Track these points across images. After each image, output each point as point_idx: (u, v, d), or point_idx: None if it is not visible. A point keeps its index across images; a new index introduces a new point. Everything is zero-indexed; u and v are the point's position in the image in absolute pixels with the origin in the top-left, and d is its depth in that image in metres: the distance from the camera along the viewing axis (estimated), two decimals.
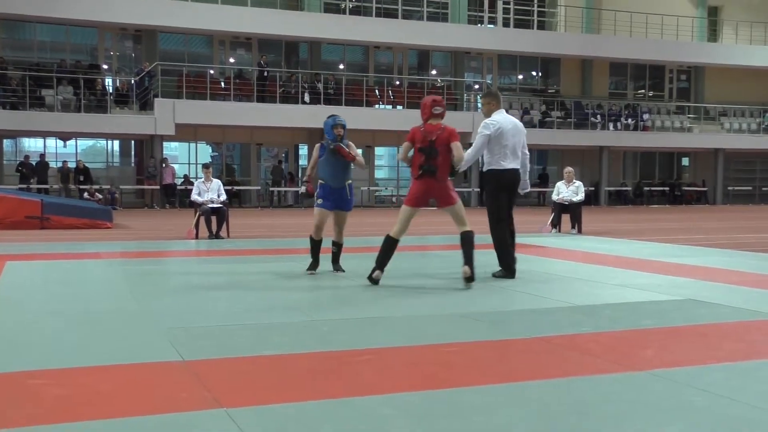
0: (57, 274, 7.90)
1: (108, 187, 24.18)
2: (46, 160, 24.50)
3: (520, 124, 7.87)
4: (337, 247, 8.02)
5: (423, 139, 6.92)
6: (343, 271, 7.90)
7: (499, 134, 7.56)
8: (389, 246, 7.03)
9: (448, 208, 7.04)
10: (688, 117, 33.14)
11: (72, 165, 24.16)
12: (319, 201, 7.86)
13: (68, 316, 5.50)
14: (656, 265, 8.74)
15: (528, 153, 7.92)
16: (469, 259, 6.85)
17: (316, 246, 7.94)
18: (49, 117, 23.35)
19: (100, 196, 23.48)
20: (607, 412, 3.27)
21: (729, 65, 33.24)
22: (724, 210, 26.78)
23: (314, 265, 7.94)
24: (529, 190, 8.18)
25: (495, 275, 7.56)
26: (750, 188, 33.65)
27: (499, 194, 7.64)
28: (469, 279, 6.82)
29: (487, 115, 7.77)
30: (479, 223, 7.98)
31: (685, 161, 35.24)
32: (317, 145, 7.99)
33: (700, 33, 34.26)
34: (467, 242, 6.92)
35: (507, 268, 7.58)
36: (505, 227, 7.62)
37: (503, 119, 7.69)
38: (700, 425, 3.09)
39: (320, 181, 7.90)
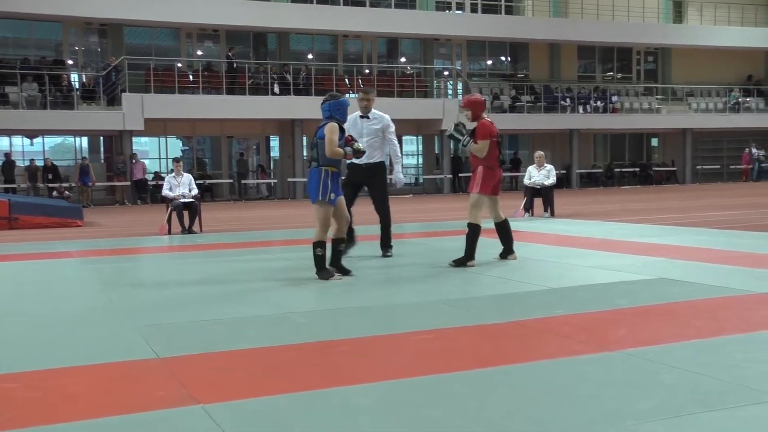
0: (27, 274, 7.81)
1: (74, 184, 23.87)
2: (13, 158, 24.14)
3: None
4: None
5: (496, 133, 7.53)
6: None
7: None
8: (477, 233, 7.45)
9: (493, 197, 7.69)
10: (656, 98, 33.42)
11: (40, 163, 23.84)
12: (332, 196, 6.75)
13: (39, 317, 5.44)
14: (628, 246, 8.83)
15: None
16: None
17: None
18: (14, 115, 22.99)
19: (70, 194, 23.21)
20: (583, 393, 3.31)
21: (695, 46, 33.55)
22: (694, 189, 27.11)
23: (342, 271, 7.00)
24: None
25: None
26: (718, 167, 34.05)
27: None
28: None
29: (368, 110, 8.21)
30: (458, 209, 8.01)
31: (655, 142, 35.57)
32: (334, 126, 6.75)
33: (666, 15, 34.52)
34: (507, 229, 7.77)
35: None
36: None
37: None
38: (670, 401, 3.14)
39: (330, 169, 6.75)
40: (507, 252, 7.83)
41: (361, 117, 8.25)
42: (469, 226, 7.48)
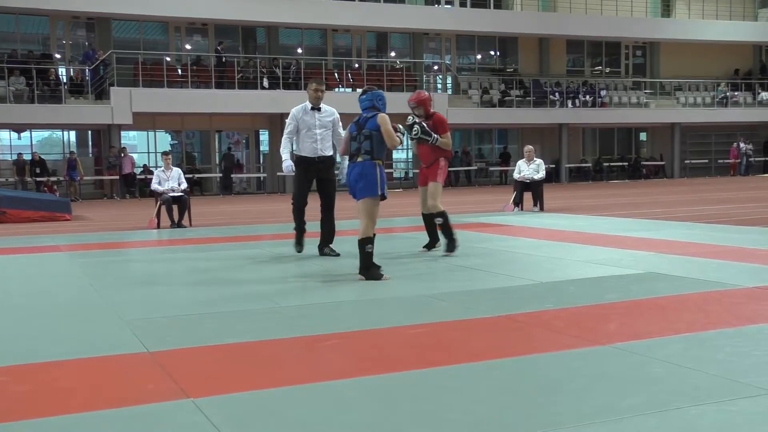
0: (15, 268, 7.77)
1: (62, 179, 23.76)
2: (0, 153, 23.97)
3: None
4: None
5: None
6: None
7: None
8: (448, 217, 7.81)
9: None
10: (645, 92, 33.52)
11: (27, 157, 23.70)
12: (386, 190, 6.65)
13: (28, 310, 5.41)
14: (617, 240, 8.86)
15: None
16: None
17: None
18: (1, 109, 22.82)
19: (56, 188, 23.09)
20: (572, 388, 3.32)
21: (683, 40, 33.66)
22: (682, 183, 27.22)
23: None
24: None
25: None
26: (706, 161, 34.20)
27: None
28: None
29: (320, 101, 8.06)
30: (447, 204, 8.01)
31: (643, 136, 35.69)
32: (387, 116, 6.59)
33: (654, 9, 34.63)
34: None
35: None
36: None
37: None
38: (660, 395, 3.16)
39: (381, 162, 6.54)
40: (434, 243, 8.12)
41: (313, 109, 8.00)
42: (441, 214, 7.78)
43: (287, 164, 8.03)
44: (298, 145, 8.02)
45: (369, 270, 6.33)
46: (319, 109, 8.01)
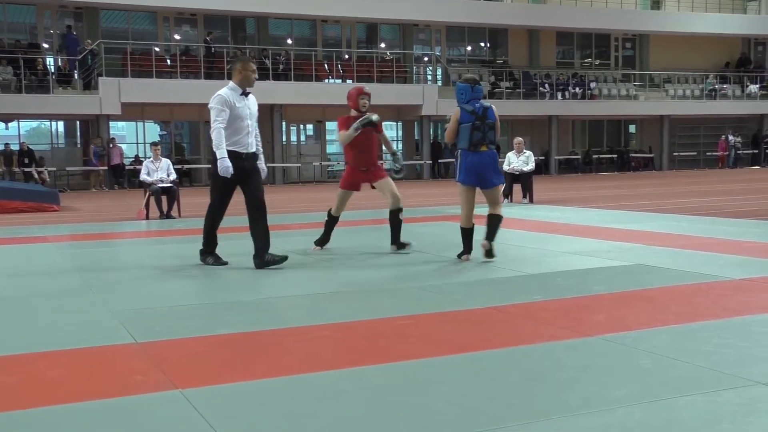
0: (2, 259, 7.73)
1: (53, 169, 23.64)
2: None
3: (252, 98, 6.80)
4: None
5: None
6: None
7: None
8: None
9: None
10: (634, 85, 33.58)
11: (15, 147, 23.54)
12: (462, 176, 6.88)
13: (15, 301, 5.39)
14: (606, 232, 8.90)
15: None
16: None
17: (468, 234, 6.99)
18: None
19: (47, 179, 22.97)
20: (560, 379, 3.33)
21: (672, 33, 33.73)
22: (671, 175, 27.33)
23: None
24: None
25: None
26: (695, 153, 34.31)
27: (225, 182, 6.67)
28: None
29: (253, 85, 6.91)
30: (437, 195, 8.02)
31: (632, 128, 35.78)
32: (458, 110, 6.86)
33: (644, 1, 34.65)
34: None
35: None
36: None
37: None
38: (647, 387, 3.18)
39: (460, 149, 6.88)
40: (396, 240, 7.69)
41: (242, 94, 6.78)
42: (401, 210, 7.60)
43: (227, 163, 6.53)
44: (228, 138, 6.60)
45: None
46: (246, 95, 6.81)
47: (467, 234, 6.91)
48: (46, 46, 26.15)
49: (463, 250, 6.91)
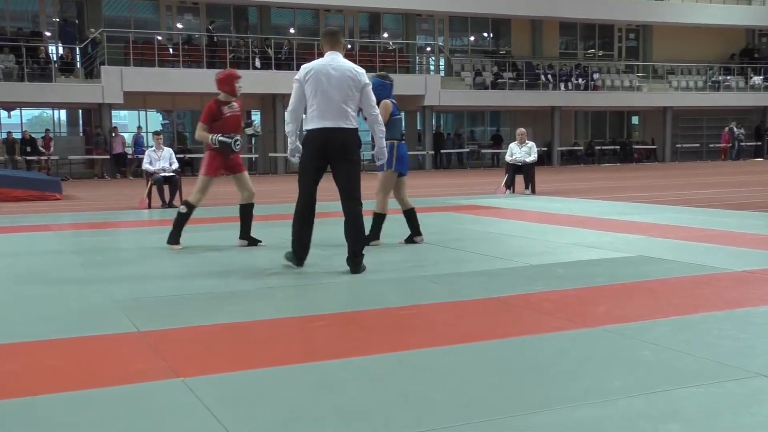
0: (4, 247, 7.74)
1: (56, 157, 23.65)
2: None
3: (353, 72, 6.00)
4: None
5: None
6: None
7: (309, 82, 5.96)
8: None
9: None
10: (638, 76, 33.50)
11: (17, 136, 23.54)
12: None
13: (17, 289, 5.40)
14: (608, 223, 8.89)
15: (375, 113, 6.06)
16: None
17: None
18: None
19: (50, 167, 23.00)
20: (562, 369, 3.33)
21: (676, 24, 33.62)
22: (673, 167, 27.28)
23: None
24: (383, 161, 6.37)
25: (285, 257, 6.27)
26: (697, 145, 34.26)
27: (307, 164, 5.96)
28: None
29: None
30: (439, 186, 8.01)
31: (635, 120, 35.71)
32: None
33: None
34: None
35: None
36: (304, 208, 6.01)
37: (319, 64, 6.00)
38: (648, 378, 3.18)
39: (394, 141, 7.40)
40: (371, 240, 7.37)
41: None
42: (253, 205, 7.85)
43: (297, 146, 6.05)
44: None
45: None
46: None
47: (382, 220, 7.34)
48: (48, 34, 26.11)
49: (373, 236, 7.20)
